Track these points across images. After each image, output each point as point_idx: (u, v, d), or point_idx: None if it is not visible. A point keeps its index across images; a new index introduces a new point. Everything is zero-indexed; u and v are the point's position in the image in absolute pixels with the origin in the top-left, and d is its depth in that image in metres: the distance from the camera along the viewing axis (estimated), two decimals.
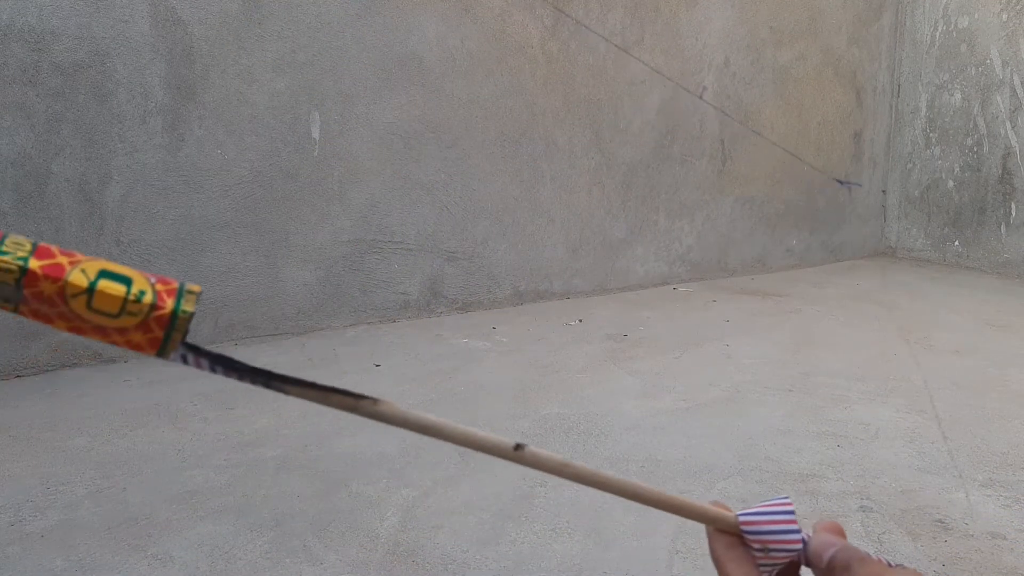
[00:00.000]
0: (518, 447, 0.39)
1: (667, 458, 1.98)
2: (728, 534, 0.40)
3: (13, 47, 2.39)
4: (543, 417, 2.23)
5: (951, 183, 4.49)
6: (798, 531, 0.39)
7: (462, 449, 1.99)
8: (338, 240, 3.03)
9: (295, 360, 2.70)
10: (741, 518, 0.39)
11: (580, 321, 3.25)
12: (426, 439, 1.85)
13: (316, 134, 2.93)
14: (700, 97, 3.30)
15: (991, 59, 4.23)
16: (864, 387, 2.51)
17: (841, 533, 0.39)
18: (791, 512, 0.39)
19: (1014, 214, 4.18)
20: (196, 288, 0.35)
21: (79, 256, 0.33)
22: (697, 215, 4.04)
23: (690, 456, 1.99)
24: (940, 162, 4.55)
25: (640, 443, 2.06)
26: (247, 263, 2.86)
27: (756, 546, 0.39)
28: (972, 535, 1.66)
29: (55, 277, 0.32)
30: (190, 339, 0.36)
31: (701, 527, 0.41)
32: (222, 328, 2.84)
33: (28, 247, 0.33)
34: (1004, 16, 4.16)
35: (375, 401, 0.38)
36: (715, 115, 4.02)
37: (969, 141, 4.38)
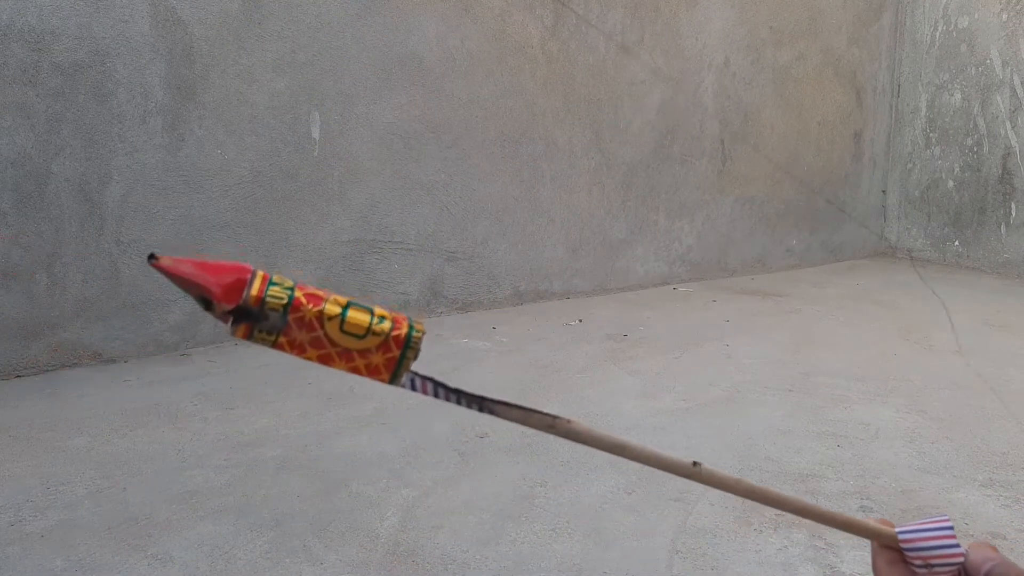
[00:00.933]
0: (695, 464, 0.43)
1: None
2: (891, 550, 0.41)
3: (13, 47, 2.39)
4: None
5: (951, 183, 4.49)
6: (959, 546, 0.40)
7: (462, 449, 1.99)
8: (338, 240, 3.03)
9: (295, 360, 2.69)
10: (900, 535, 0.40)
11: (580, 321, 3.25)
12: (425, 439, 1.86)
13: (316, 134, 2.93)
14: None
15: (991, 59, 4.23)
16: (864, 387, 2.51)
17: (995, 552, 0.40)
18: (951, 528, 0.40)
19: (1014, 214, 4.18)
20: (420, 326, 0.41)
21: (329, 293, 0.40)
22: (697, 215, 4.04)
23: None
24: (940, 162, 4.55)
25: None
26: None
27: (918, 562, 0.40)
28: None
29: (315, 303, 0.38)
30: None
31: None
32: (222, 328, 2.84)
33: (290, 283, 0.39)
34: (1004, 16, 4.16)
35: (568, 421, 0.43)
36: (715, 115, 4.02)
37: (969, 141, 4.38)
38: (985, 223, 4.33)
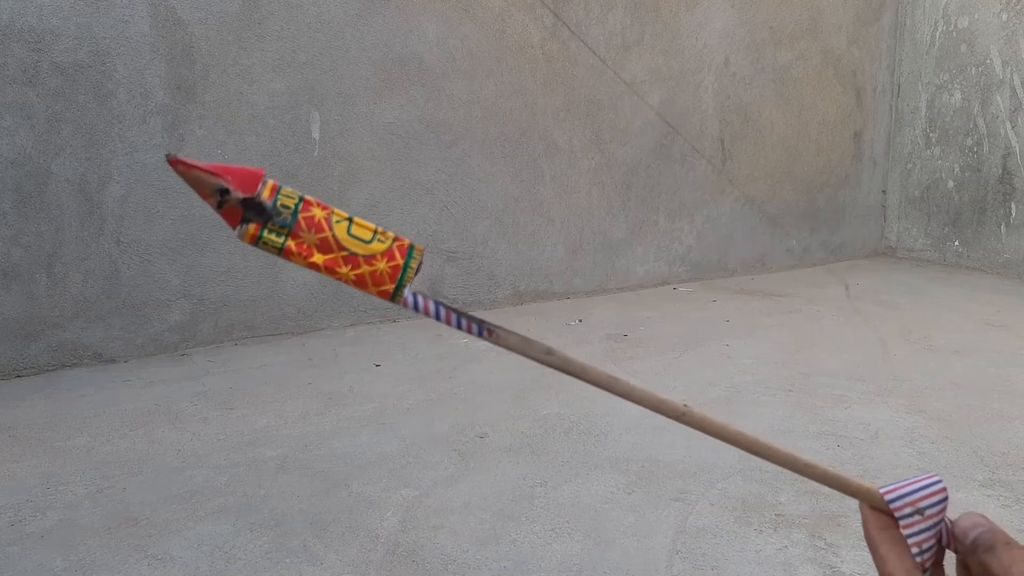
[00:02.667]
0: (685, 406, 0.41)
1: (667, 458, 1.98)
2: (881, 514, 0.41)
3: (13, 47, 2.39)
4: (543, 417, 2.23)
5: (951, 183, 4.49)
6: (941, 481, 0.40)
7: (462, 449, 2.00)
8: None
9: (295, 360, 2.70)
10: (883, 489, 0.41)
11: (580, 321, 3.25)
12: (425, 439, 1.85)
13: (316, 134, 2.93)
14: None
15: (991, 59, 4.23)
16: (864, 387, 2.51)
17: (985, 519, 0.40)
18: (931, 474, 0.41)
19: (1014, 214, 4.18)
20: (420, 248, 0.42)
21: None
22: (697, 215, 4.04)
23: (690, 456, 1.99)
24: (940, 162, 4.55)
25: (640, 443, 2.06)
26: (247, 263, 2.85)
27: (907, 510, 0.40)
28: None
29: (324, 206, 0.40)
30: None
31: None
32: (222, 328, 2.84)
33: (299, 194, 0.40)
34: (1004, 16, 4.16)
35: (562, 353, 0.42)
36: (715, 115, 4.02)
37: (969, 141, 4.38)
38: (985, 223, 4.33)
